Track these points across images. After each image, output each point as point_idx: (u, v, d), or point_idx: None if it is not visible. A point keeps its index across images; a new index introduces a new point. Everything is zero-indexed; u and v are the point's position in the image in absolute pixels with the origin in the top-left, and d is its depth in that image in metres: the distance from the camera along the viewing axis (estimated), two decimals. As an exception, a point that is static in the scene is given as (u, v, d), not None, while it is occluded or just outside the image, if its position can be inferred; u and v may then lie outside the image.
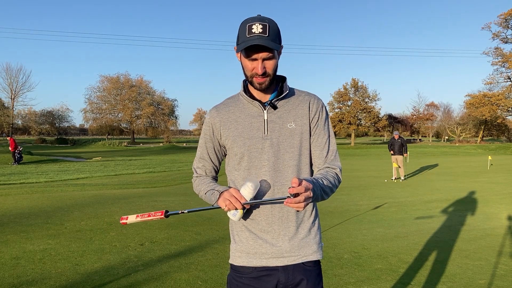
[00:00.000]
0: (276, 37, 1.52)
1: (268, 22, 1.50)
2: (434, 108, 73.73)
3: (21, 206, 7.39)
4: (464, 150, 38.50)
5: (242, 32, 1.51)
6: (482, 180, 13.00)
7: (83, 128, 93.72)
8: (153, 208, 7.26)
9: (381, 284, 3.71)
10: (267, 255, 1.59)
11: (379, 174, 15.02)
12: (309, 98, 1.68)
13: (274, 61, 1.54)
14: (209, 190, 1.64)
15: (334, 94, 55.15)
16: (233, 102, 1.68)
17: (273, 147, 1.59)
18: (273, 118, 1.62)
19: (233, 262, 1.64)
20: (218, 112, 1.67)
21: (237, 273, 1.63)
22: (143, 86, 63.33)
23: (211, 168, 1.75)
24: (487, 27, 53.02)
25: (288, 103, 1.65)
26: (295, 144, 1.61)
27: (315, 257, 1.64)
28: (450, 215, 7.10)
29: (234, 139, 1.62)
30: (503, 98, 51.16)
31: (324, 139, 1.67)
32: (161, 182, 12.45)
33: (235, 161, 1.65)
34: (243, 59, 1.55)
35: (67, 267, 4.07)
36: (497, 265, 4.28)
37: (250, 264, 1.60)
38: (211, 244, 4.93)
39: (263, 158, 1.59)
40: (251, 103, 1.63)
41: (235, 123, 1.63)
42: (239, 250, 1.64)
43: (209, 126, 1.68)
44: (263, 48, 1.48)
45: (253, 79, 1.55)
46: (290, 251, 1.60)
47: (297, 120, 1.63)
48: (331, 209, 7.49)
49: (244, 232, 1.64)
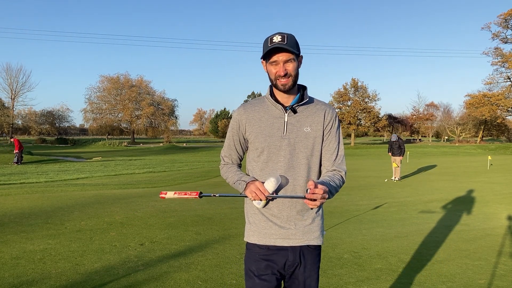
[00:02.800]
0: (294, 45, 1.76)
1: (286, 34, 1.74)
2: (434, 108, 73.72)
3: (21, 206, 7.39)
4: (464, 150, 38.51)
5: (265, 44, 1.77)
6: (482, 180, 13.00)
7: (83, 128, 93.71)
8: (153, 208, 7.27)
9: (381, 284, 3.71)
10: (276, 236, 1.84)
11: (379, 174, 15.01)
12: (325, 108, 1.91)
13: (294, 63, 1.76)
14: (237, 180, 1.87)
15: (334, 94, 55.07)
16: (259, 103, 1.91)
17: (289, 146, 1.82)
18: (292, 121, 1.84)
19: (248, 239, 1.90)
20: (245, 110, 1.90)
21: (251, 251, 1.88)
22: (143, 86, 63.32)
23: (236, 157, 1.99)
24: (487, 27, 53.03)
25: (307, 109, 1.88)
26: (308, 146, 1.84)
27: (317, 242, 1.88)
28: (450, 215, 7.10)
29: (257, 136, 1.85)
30: (503, 98, 51.13)
31: (335, 145, 1.90)
32: (161, 182, 12.44)
33: (255, 154, 1.89)
34: (267, 66, 1.80)
35: (67, 267, 4.07)
36: (497, 265, 4.28)
37: (261, 242, 1.85)
38: (211, 244, 4.93)
39: (280, 154, 1.82)
40: (274, 106, 1.85)
41: (259, 121, 1.86)
42: (252, 230, 1.88)
43: (236, 122, 1.92)
44: (283, 50, 1.72)
45: (277, 82, 1.78)
46: (295, 234, 1.84)
47: (313, 125, 1.86)
48: (331, 209, 7.49)
49: (257, 215, 1.88)
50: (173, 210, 7.14)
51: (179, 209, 7.24)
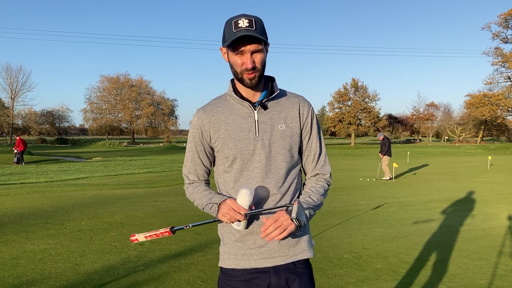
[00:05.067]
0: (263, 32, 1.49)
1: (254, 18, 1.48)
2: (434, 108, 73.66)
3: (21, 206, 7.39)
4: (464, 150, 38.50)
5: (228, 28, 1.48)
6: (482, 180, 12.99)
7: (83, 128, 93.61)
8: (153, 208, 7.26)
9: (381, 284, 3.71)
10: (256, 256, 1.56)
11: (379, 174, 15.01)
12: (299, 101, 1.65)
13: (262, 55, 1.50)
14: (206, 203, 1.59)
15: (334, 94, 55.06)
16: (220, 103, 1.62)
17: (264, 148, 1.56)
18: (264, 119, 1.58)
19: (223, 265, 1.61)
20: (206, 113, 1.60)
21: (227, 276, 1.59)
22: (143, 86, 63.29)
23: (203, 172, 1.68)
24: (487, 27, 53.00)
25: (278, 104, 1.62)
26: (286, 145, 1.58)
27: (305, 255, 1.61)
28: (450, 215, 7.10)
29: (225, 141, 1.57)
30: (503, 98, 51.14)
31: (316, 145, 1.67)
32: (161, 182, 12.44)
33: (225, 164, 1.59)
34: (230, 56, 1.52)
35: (67, 267, 4.07)
36: (497, 265, 4.28)
37: (239, 266, 1.56)
38: (211, 244, 4.93)
39: (254, 159, 1.55)
40: (240, 103, 1.58)
41: (225, 124, 1.57)
42: (228, 252, 1.60)
43: (198, 128, 1.61)
44: (252, 39, 1.45)
45: (243, 75, 1.51)
46: (279, 250, 1.56)
47: (288, 122, 1.60)
48: (331, 209, 7.49)
49: (233, 234, 1.59)
50: (173, 210, 7.15)
51: (179, 209, 7.25)
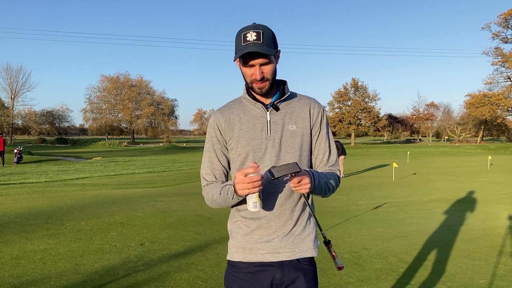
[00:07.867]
0: (271, 43, 1.56)
1: (262, 29, 1.54)
2: (434, 108, 73.75)
3: (21, 206, 7.39)
4: (464, 150, 38.50)
5: (238, 41, 1.57)
6: (482, 180, 12.99)
7: (83, 128, 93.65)
8: (153, 208, 7.26)
9: (381, 284, 3.71)
10: (262, 251, 1.63)
11: (379, 174, 15.01)
12: (310, 102, 1.73)
13: (271, 65, 1.59)
14: (222, 187, 1.59)
15: (334, 94, 55.08)
16: (236, 105, 1.72)
17: (275, 147, 1.64)
18: (276, 119, 1.66)
19: (230, 257, 1.69)
20: (222, 114, 1.70)
21: (234, 268, 1.67)
22: (143, 86, 63.31)
23: (221, 172, 1.71)
24: (487, 27, 53.07)
25: (290, 105, 1.70)
26: (296, 145, 1.66)
27: (310, 253, 1.67)
28: (450, 215, 7.10)
29: (238, 139, 1.66)
30: (503, 98, 51.16)
31: (327, 145, 1.74)
32: (161, 182, 12.44)
33: (238, 162, 1.67)
34: (241, 67, 1.62)
35: (67, 267, 4.07)
36: (497, 265, 4.28)
37: (246, 259, 1.64)
38: (211, 244, 4.93)
39: (265, 158, 1.64)
40: (253, 105, 1.68)
41: (239, 124, 1.67)
42: (235, 246, 1.68)
43: (215, 127, 1.70)
44: (259, 55, 1.54)
45: (253, 85, 1.61)
46: (285, 246, 1.63)
47: (298, 122, 1.68)
48: (331, 209, 7.49)
49: (241, 228, 1.67)
50: (173, 210, 7.14)
51: (179, 209, 7.24)
